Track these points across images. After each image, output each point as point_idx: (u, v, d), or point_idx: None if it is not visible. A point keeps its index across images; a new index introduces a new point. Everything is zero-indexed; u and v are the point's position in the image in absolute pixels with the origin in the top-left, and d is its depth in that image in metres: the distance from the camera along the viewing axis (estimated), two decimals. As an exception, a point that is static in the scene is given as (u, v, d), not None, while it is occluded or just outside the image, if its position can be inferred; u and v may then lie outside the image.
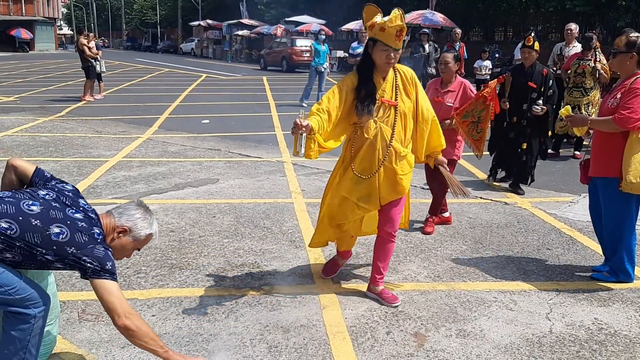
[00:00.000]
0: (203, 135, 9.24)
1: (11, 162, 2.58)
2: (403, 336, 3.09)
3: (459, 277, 3.89)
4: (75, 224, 2.33)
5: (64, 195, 2.44)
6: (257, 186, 6.06)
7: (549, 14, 23.52)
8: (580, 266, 4.12)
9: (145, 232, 2.53)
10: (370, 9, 3.19)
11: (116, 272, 2.36)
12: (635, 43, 3.53)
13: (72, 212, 2.37)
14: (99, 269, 2.29)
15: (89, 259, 2.28)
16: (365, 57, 3.24)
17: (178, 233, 4.58)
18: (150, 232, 2.56)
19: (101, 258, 2.31)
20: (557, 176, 6.87)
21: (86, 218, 2.39)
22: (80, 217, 2.37)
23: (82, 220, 2.37)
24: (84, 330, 3.07)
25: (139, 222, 2.52)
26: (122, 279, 3.72)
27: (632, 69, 3.58)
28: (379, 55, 3.15)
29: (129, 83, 18.76)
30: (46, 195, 2.39)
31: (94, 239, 2.34)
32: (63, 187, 2.50)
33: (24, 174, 2.55)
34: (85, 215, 2.41)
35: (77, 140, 8.42)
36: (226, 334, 3.07)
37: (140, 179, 6.25)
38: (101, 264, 2.30)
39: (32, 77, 20.74)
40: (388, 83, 3.26)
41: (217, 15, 46.08)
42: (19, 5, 52.54)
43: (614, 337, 3.14)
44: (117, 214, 2.52)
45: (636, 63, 3.56)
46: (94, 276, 2.30)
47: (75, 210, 2.39)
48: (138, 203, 2.61)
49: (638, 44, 3.52)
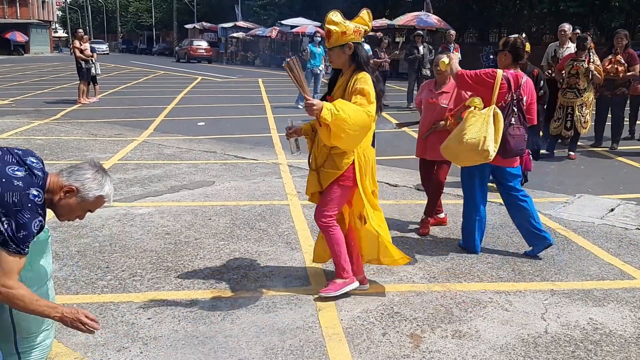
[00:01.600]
0: (199, 137, 9.23)
1: None
2: (399, 337, 3.10)
3: (455, 278, 3.90)
4: (11, 180, 2.20)
5: (12, 153, 2.33)
6: (252, 188, 6.06)
7: (543, 15, 23.65)
8: (575, 266, 4.14)
9: (93, 193, 2.40)
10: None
11: (27, 243, 2.23)
12: (509, 43, 4.23)
13: (13, 169, 2.25)
14: (7, 236, 2.17)
15: (6, 221, 2.16)
16: None
17: (174, 236, 4.57)
18: (100, 194, 2.42)
19: (21, 225, 2.19)
20: (552, 177, 6.89)
21: (27, 176, 2.26)
22: (20, 175, 2.24)
23: (21, 178, 2.24)
24: (79, 334, 3.05)
25: (88, 182, 2.38)
26: (118, 281, 3.72)
27: (508, 65, 4.20)
28: None
29: (124, 86, 18.73)
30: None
31: (26, 199, 2.21)
32: (11, 149, 2.38)
33: None
34: (29, 173, 2.28)
35: (72, 143, 8.40)
36: (222, 336, 3.07)
37: (135, 181, 6.24)
38: (16, 230, 2.18)
39: (27, 80, 20.68)
40: (340, 84, 3.40)
41: (212, 18, 46.10)
42: (14, 8, 52.43)
43: (609, 337, 3.15)
44: (67, 173, 2.39)
45: (511, 60, 4.19)
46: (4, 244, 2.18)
47: (19, 167, 2.27)
48: (92, 163, 2.48)
49: (510, 43, 4.22)
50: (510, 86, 4.05)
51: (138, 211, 5.17)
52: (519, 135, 4.03)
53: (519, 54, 4.20)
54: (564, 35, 8.52)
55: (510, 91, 4.05)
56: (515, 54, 4.19)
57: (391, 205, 5.52)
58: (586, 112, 7.74)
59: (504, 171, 4.21)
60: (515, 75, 4.11)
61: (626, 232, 4.86)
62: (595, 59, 7.75)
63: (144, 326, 3.15)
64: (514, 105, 4.05)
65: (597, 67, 7.65)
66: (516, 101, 4.06)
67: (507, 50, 4.19)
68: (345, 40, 3.28)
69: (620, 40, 8.07)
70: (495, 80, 4.02)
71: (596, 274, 4.02)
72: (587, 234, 4.82)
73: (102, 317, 3.24)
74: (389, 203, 5.58)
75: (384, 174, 6.58)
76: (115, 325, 3.15)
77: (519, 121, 4.05)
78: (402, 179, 6.53)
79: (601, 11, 20.54)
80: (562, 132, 7.82)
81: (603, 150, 8.45)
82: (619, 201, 5.74)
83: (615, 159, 7.98)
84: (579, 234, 4.81)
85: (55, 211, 2.42)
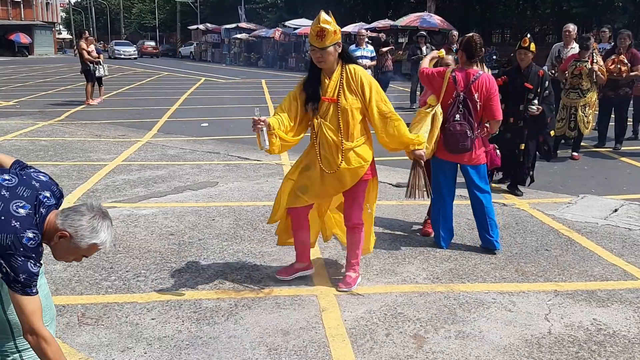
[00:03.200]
0: (202, 138, 9.25)
1: None
2: (402, 338, 3.10)
3: (458, 279, 3.90)
4: (9, 221, 2.13)
5: (25, 184, 2.26)
6: (256, 189, 6.07)
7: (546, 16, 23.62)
8: (579, 267, 4.13)
9: (86, 241, 2.25)
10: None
11: (33, 284, 2.17)
12: (463, 41, 4.33)
13: (17, 206, 2.17)
14: (11, 278, 2.13)
15: (5, 264, 2.12)
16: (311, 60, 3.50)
17: (177, 236, 4.59)
18: (93, 242, 2.26)
19: (16, 268, 2.12)
20: (555, 177, 6.88)
21: (28, 216, 2.18)
22: (20, 214, 2.16)
23: (22, 218, 2.16)
24: (84, 334, 3.08)
25: (81, 229, 2.24)
26: (122, 282, 3.73)
27: (463, 63, 4.29)
28: (312, 55, 3.44)
29: (128, 87, 18.78)
30: (4, 181, 2.23)
31: (19, 243, 2.13)
32: (32, 176, 2.32)
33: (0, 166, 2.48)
34: (33, 212, 2.21)
35: (76, 144, 8.43)
36: (226, 337, 3.08)
37: (139, 182, 6.26)
38: (15, 274, 2.12)
39: (31, 81, 20.75)
40: (332, 81, 3.47)
41: (215, 19, 46.13)
42: (18, 9, 52.60)
43: (612, 337, 3.15)
44: (63, 216, 2.26)
45: (465, 58, 4.27)
46: (8, 285, 2.16)
47: (25, 204, 2.20)
48: (90, 207, 2.31)
49: (464, 42, 4.30)
50: (456, 84, 4.21)
51: (142, 212, 5.19)
52: (459, 132, 4.17)
53: (472, 52, 4.25)
54: (569, 36, 8.51)
55: (456, 89, 4.20)
56: (469, 52, 4.25)
57: (394, 206, 5.52)
58: (589, 113, 7.72)
59: (465, 168, 4.36)
60: (465, 74, 4.23)
61: (630, 233, 4.85)
62: (598, 60, 7.74)
63: (148, 327, 3.17)
64: (460, 102, 4.18)
65: (600, 68, 7.63)
66: (462, 99, 4.18)
67: (461, 49, 4.31)
68: (337, 39, 3.39)
69: (624, 40, 8.06)
70: (444, 79, 4.23)
71: (600, 274, 4.01)
72: (591, 234, 4.81)
73: (107, 318, 3.25)
74: (392, 204, 5.59)
75: (387, 174, 6.59)
76: (119, 326, 3.17)
77: (463, 118, 4.17)
78: (404, 178, 6.51)
79: (604, 12, 20.50)
80: (566, 132, 7.81)
81: (606, 150, 8.43)
82: (622, 202, 5.73)
83: (619, 159, 7.97)
84: (583, 234, 4.81)
85: (51, 251, 2.35)
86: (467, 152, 4.25)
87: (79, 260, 2.41)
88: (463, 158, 4.30)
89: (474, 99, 4.20)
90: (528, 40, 5.45)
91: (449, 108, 4.21)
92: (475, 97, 4.20)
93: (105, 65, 13.71)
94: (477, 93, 4.20)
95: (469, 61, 4.29)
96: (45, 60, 40.74)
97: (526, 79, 5.58)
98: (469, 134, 4.18)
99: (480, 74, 4.23)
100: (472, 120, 4.19)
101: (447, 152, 4.27)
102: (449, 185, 4.45)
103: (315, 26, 3.35)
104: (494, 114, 4.29)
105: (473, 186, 4.38)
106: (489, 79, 4.26)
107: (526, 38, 5.51)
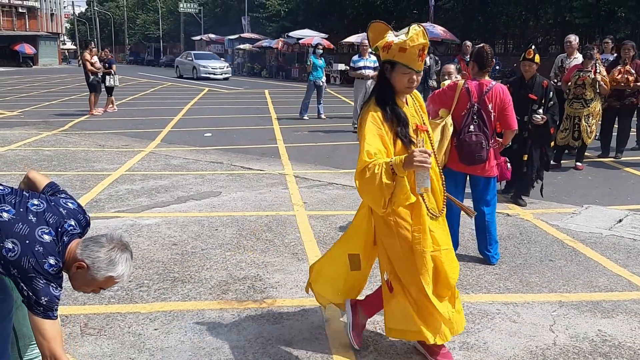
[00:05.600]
0: (205, 148, 9.27)
1: (27, 173, 2.61)
2: (406, 349, 3.08)
3: (462, 289, 3.88)
4: (33, 245, 2.16)
5: (52, 211, 2.28)
6: (259, 199, 6.07)
7: (549, 26, 23.68)
8: (583, 277, 4.11)
9: (102, 273, 2.25)
10: (378, 27, 2.77)
11: (54, 307, 2.19)
12: (474, 51, 4.34)
13: (42, 231, 2.21)
14: (32, 301, 2.15)
15: (26, 287, 2.15)
16: (382, 84, 2.76)
17: (180, 246, 4.58)
18: (110, 275, 2.26)
19: (38, 291, 2.14)
20: (559, 187, 6.86)
21: (52, 243, 2.21)
22: (46, 240, 2.19)
23: (46, 244, 2.19)
24: (87, 345, 3.07)
25: (98, 262, 2.24)
26: (125, 292, 3.72)
27: (475, 73, 4.28)
28: (400, 79, 2.69)
29: (132, 97, 18.87)
30: (33, 206, 2.26)
31: (40, 268, 2.15)
32: (60, 203, 2.35)
33: (34, 185, 2.54)
34: (58, 238, 2.24)
35: (80, 154, 8.46)
36: (229, 347, 3.07)
37: (142, 192, 6.27)
38: (37, 296, 2.14)
39: (35, 91, 20.87)
40: (411, 108, 2.86)
41: (219, 30, 46.42)
42: (23, 20, 53.06)
43: (618, 348, 3.12)
44: (83, 246, 2.27)
45: (477, 68, 4.26)
46: (29, 308, 2.18)
47: (50, 231, 2.22)
48: (110, 238, 2.32)
49: (475, 52, 4.32)
50: (469, 95, 4.18)
51: (145, 222, 5.19)
52: (474, 142, 4.14)
53: (484, 63, 4.24)
54: (570, 47, 8.56)
55: (469, 100, 4.18)
56: (481, 62, 4.25)
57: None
58: (592, 122, 7.73)
59: (477, 179, 4.33)
60: (478, 84, 4.22)
61: (634, 243, 4.82)
62: (602, 70, 7.75)
63: (151, 337, 3.16)
64: (474, 113, 4.16)
65: (604, 78, 7.65)
66: (476, 109, 4.16)
67: (472, 60, 4.33)
68: None
69: (628, 51, 8.09)
70: (456, 92, 4.22)
71: (604, 285, 3.99)
72: (595, 245, 4.79)
73: (109, 328, 3.24)
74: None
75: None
76: (122, 336, 3.16)
77: (477, 128, 4.15)
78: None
79: (607, 22, 20.55)
80: (569, 141, 7.82)
81: (610, 160, 8.41)
82: (627, 212, 5.71)
83: (623, 169, 7.95)
84: (587, 245, 4.79)
85: (70, 281, 2.36)
86: (482, 163, 4.22)
87: (97, 292, 2.40)
88: (476, 169, 4.26)
89: (488, 109, 4.18)
90: (533, 51, 5.46)
91: (462, 119, 4.17)
92: (490, 107, 4.18)
93: (116, 76, 13.91)
94: (491, 104, 4.19)
95: (481, 71, 4.28)
96: (50, 71, 41.01)
97: (530, 90, 5.59)
98: (484, 144, 4.15)
99: (493, 84, 4.23)
100: (486, 130, 4.17)
101: (463, 165, 4.21)
102: (459, 196, 4.41)
103: (418, 43, 2.62)
104: (510, 124, 4.28)
105: (480, 199, 4.34)
106: (502, 89, 4.26)
107: (531, 50, 5.51)
